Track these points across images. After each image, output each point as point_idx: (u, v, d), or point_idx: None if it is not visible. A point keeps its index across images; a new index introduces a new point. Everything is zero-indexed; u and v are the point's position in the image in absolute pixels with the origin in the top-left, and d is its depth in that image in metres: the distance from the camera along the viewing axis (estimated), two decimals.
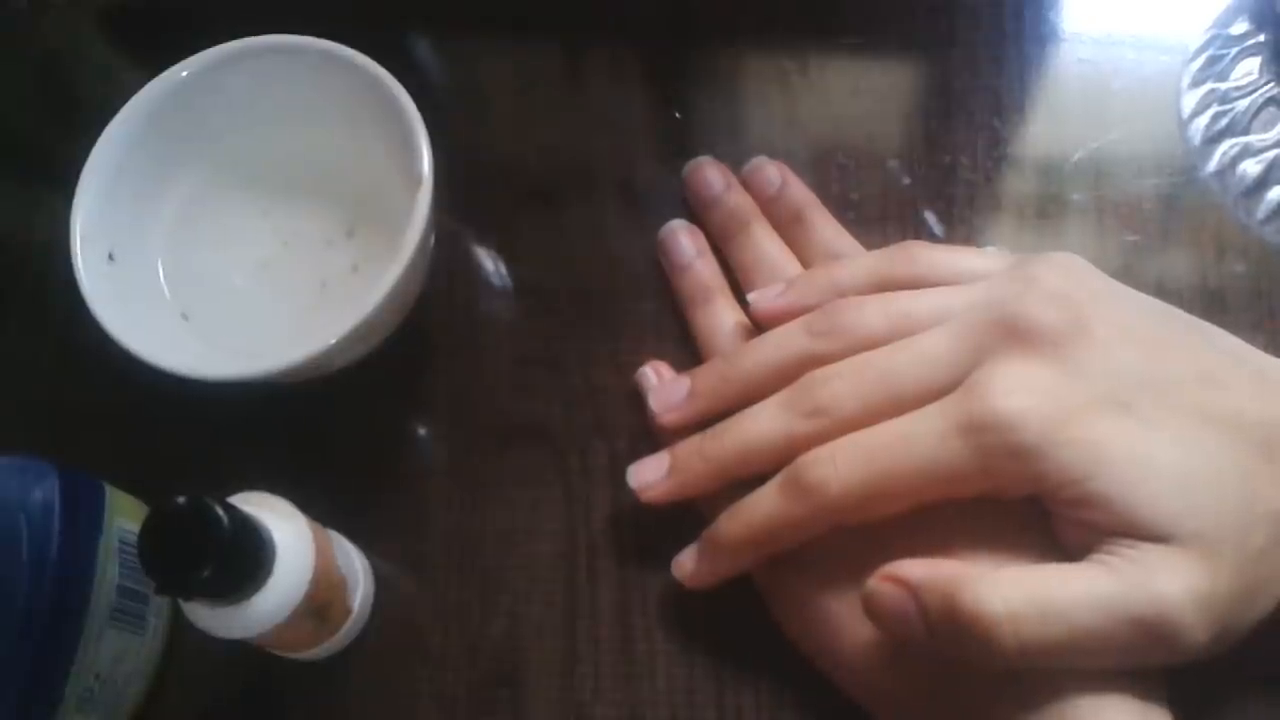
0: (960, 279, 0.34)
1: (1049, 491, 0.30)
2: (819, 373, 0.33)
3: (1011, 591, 0.28)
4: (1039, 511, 0.31)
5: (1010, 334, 0.31)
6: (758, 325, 0.38)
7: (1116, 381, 0.30)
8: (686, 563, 0.36)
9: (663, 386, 0.38)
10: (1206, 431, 0.30)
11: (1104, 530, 0.29)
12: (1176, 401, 0.30)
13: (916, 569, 0.29)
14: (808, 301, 0.36)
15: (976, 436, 0.30)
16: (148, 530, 0.29)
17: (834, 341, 0.34)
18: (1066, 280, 0.32)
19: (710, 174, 0.42)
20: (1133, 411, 0.30)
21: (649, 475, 0.36)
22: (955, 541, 0.31)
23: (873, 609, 0.30)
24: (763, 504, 0.33)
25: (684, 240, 0.41)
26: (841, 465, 0.31)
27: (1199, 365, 0.31)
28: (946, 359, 0.32)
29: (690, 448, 0.36)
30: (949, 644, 0.29)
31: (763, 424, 0.34)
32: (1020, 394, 0.30)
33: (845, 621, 0.33)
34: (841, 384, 0.33)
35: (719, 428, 0.35)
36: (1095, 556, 0.29)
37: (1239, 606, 0.29)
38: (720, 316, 0.39)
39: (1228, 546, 0.28)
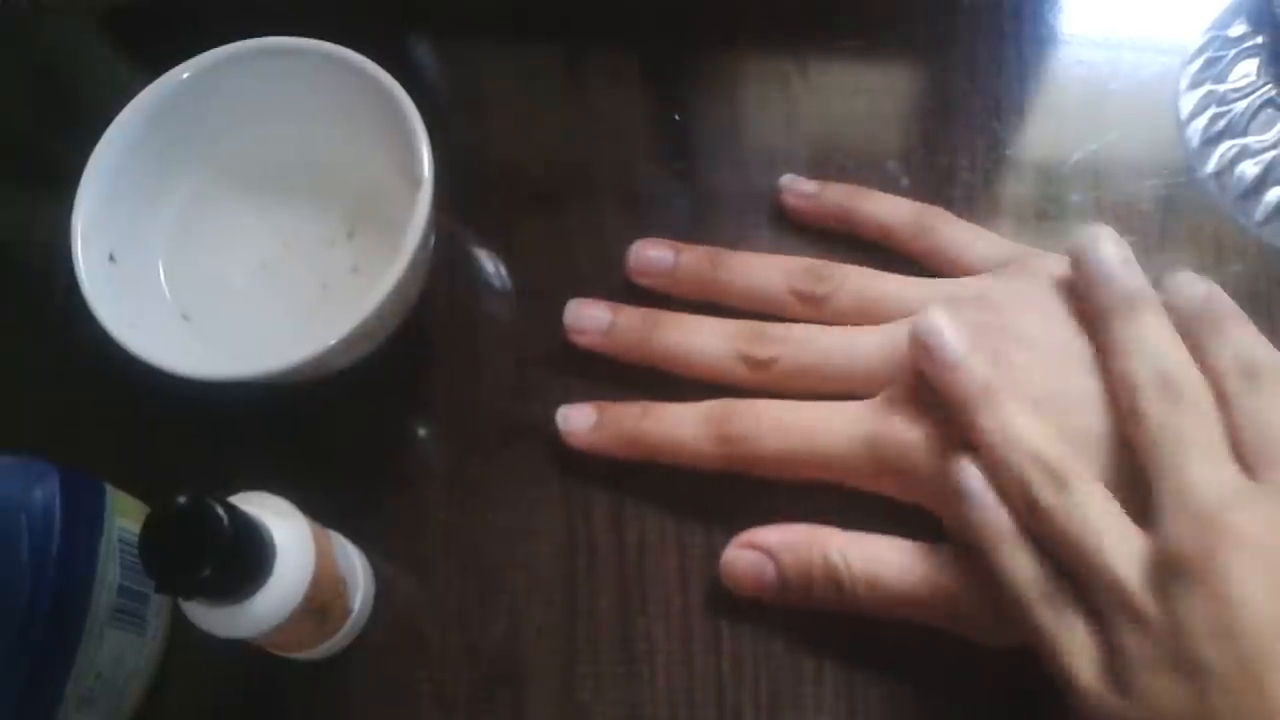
0: (962, 260, 0.38)
1: (933, 507, 0.34)
2: (772, 329, 0.38)
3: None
4: None
5: (928, 361, 0.34)
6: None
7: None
8: (580, 423, 0.39)
9: (652, 244, 0.41)
10: None
11: None
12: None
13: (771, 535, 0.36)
14: (832, 208, 0.41)
15: (876, 450, 0.34)
16: (148, 530, 0.29)
17: (812, 309, 0.38)
18: (1000, 312, 0.35)
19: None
20: None
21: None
22: None
23: (730, 574, 0.36)
24: (683, 426, 0.37)
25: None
26: (765, 428, 0.36)
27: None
28: (869, 362, 0.36)
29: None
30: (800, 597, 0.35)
31: (704, 343, 0.38)
32: (916, 423, 0.34)
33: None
34: (786, 349, 0.37)
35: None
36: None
37: None
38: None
39: None
